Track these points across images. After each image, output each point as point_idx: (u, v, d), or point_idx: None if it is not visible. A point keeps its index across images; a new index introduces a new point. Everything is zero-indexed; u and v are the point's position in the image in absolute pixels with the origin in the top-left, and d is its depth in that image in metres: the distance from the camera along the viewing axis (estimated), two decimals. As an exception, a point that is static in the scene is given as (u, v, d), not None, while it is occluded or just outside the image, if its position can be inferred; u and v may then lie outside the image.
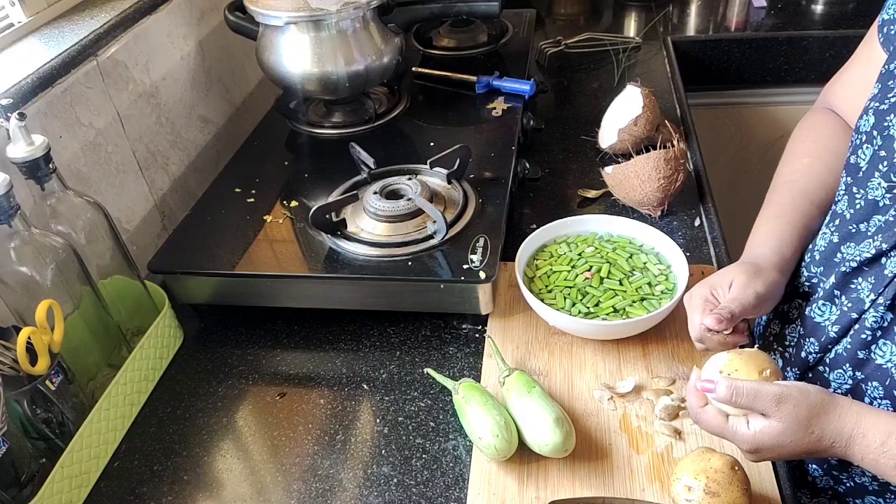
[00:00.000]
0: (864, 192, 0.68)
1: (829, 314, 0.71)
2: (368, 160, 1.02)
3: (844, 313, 0.68)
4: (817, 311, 0.72)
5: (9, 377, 0.68)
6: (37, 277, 0.73)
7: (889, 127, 0.65)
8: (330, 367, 0.87)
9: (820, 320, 0.72)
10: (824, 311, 0.71)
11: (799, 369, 0.75)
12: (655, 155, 0.98)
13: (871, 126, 0.68)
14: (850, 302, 0.68)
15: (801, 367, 0.75)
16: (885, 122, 0.66)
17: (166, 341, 0.89)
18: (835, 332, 0.69)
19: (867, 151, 0.69)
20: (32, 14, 0.99)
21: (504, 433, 0.71)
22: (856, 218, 0.69)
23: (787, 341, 0.78)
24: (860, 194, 0.68)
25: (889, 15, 0.74)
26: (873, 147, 0.67)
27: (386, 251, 0.91)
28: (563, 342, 0.85)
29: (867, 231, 0.67)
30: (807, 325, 0.74)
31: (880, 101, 0.68)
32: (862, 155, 0.69)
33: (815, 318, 0.73)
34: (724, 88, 1.62)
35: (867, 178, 0.67)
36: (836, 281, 0.69)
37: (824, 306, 0.71)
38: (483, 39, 1.42)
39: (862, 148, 0.69)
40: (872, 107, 0.69)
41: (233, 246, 0.94)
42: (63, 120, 0.91)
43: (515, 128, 1.14)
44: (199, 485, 0.76)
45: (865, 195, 0.67)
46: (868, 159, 0.68)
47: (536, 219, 1.02)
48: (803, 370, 0.75)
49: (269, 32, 1.14)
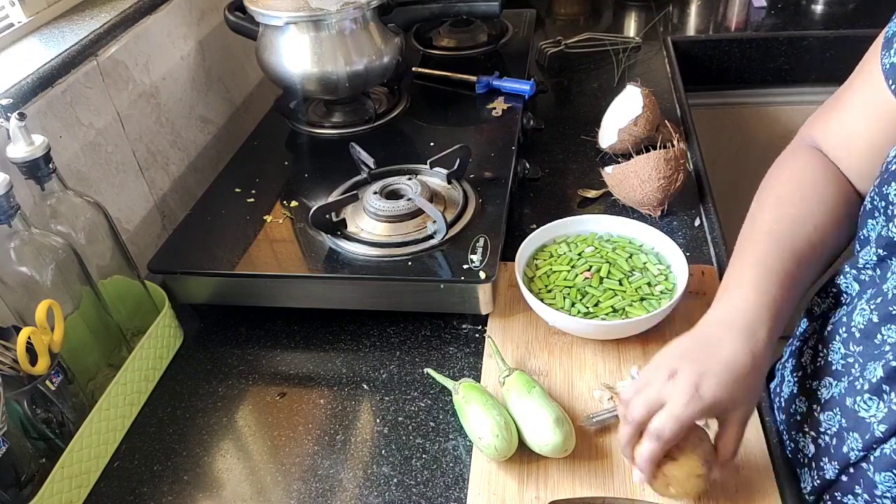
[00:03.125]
0: None
1: (874, 410, 0.62)
2: (368, 160, 1.02)
3: (893, 411, 0.61)
4: (862, 405, 0.63)
5: (9, 377, 0.68)
6: (37, 277, 0.73)
7: None
8: (330, 367, 0.87)
9: (865, 415, 0.63)
10: (870, 405, 0.63)
11: (839, 464, 0.66)
12: (655, 155, 0.98)
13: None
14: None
15: (842, 463, 0.66)
16: None
17: (166, 341, 0.89)
18: (881, 433, 0.61)
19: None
20: (32, 14, 0.99)
21: (504, 433, 0.71)
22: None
23: (821, 427, 0.68)
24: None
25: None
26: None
27: (386, 251, 0.91)
28: (563, 342, 0.85)
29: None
30: (849, 418, 0.65)
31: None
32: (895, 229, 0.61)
33: (859, 412, 0.64)
34: (724, 88, 1.62)
35: None
36: (884, 374, 0.61)
37: (870, 400, 0.63)
38: (483, 39, 1.42)
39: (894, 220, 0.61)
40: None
41: (233, 246, 0.94)
42: (63, 120, 0.91)
43: (515, 128, 1.14)
44: (199, 485, 0.76)
45: None
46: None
47: (536, 219, 1.02)
48: (844, 466, 0.66)
49: (269, 32, 1.14)
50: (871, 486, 0.64)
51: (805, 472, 0.72)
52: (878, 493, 0.64)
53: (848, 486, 0.67)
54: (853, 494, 0.66)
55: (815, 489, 0.71)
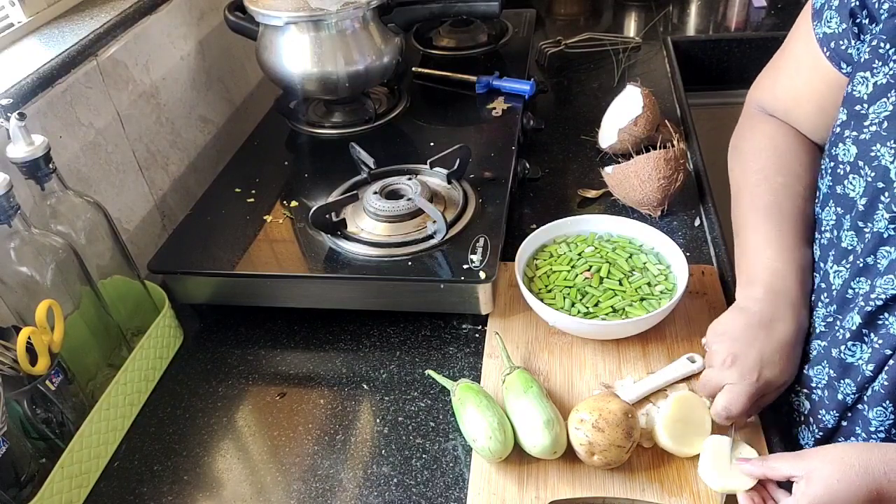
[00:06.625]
0: (871, 225, 0.65)
1: (860, 353, 0.67)
2: (368, 160, 1.02)
3: (877, 350, 0.65)
4: (847, 352, 0.68)
5: (9, 377, 0.69)
6: (37, 277, 0.73)
7: (878, 157, 0.63)
8: (330, 367, 0.87)
9: (852, 360, 0.68)
10: (855, 350, 0.68)
11: (837, 411, 0.71)
12: (655, 155, 0.98)
13: (855, 157, 0.66)
14: (880, 339, 0.65)
15: (840, 409, 0.71)
16: (870, 152, 0.64)
17: (166, 341, 0.89)
18: (870, 371, 0.66)
19: (856, 183, 0.67)
20: (32, 14, 0.99)
21: (498, 434, 0.71)
22: (865, 252, 0.66)
23: (813, 383, 0.73)
24: (867, 228, 0.66)
25: (831, 28, 0.71)
26: (864, 179, 0.65)
27: (386, 251, 0.91)
28: (563, 342, 0.85)
29: (877, 264, 0.65)
30: (837, 367, 0.70)
31: (857, 130, 0.66)
32: (851, 186, 0.67)
33: (846, 358, 0.69)
34: (724, 88, 1.62)
35: (870, 211, 0.65)
36: (862, 320, 0.66)
37: (854, 346, 0.68)
38: (483, 39, 1.42)
39: (848, 178, 0.67)
40: (850, 136, 0.67)
41: (233, 246, 0.94)
42: (63, 120, 0.91)
43: (515, 128, 1.14)
44: (199, 485, 0.76)
45: (871, 228, 0.65)
46: (863, 191, 0.66)
47: (536, 219, 1.02)
48: (842, 411, 0.71)
49: (269, 32, 1.14)
50: (866, 425, 0.69)
51: (804, 430, 0.76)
52: (872, 429, 0.68)
53: (849, 430, 0.71)
54: (854, 437, 0.70)
55: (818, 442, 0.74)
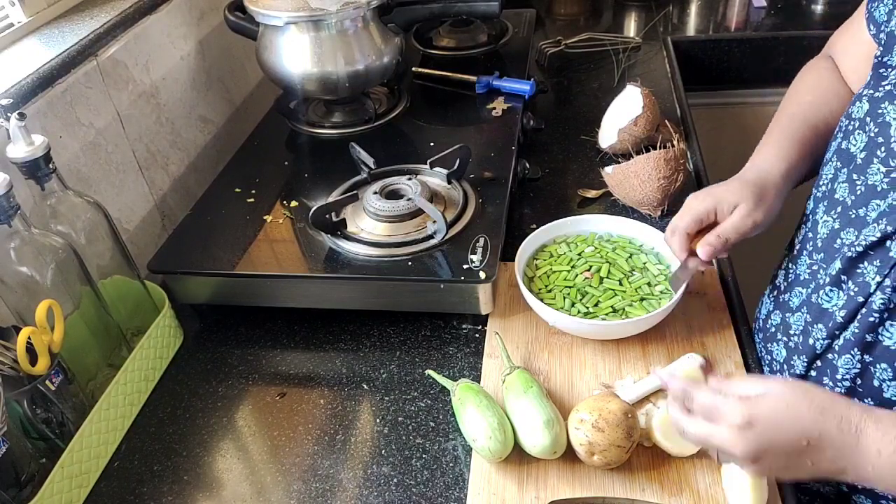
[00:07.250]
0: (864, 178, 0.68)
1: (836, 299, 0.70)
2: (368, 160, 1.02)
3: (851, 297, 0.68)
4: (825, 297, 0.71)
5: (9, 377, 0.69)
6: (37, 277, 0.73)
7: (884, 114, 0.67)
8: (330, 367, 0.87)
9: (827, 306, 0.71)
10: (832, 296, 0.71)
11: (807, 357, 0.74)
12: (655, 155, 0.98)
13: (865, 113, 0.69)
14: (856, 286, 0.68)
15: (809, 355, 0.74)
16: (879, 109, 0.67)
17: (166, 341, 0.89)
18: (842, 318, 0.69)
19: (859, 138, 0.70)
20: (32, 14, 0.99)
21: (497, 434, 0.71)
22: (856, 204, 0.69)
23: (791, 330, 0.77)
24: (860, 181, 0.69)
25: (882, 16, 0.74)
26: (867, 134, 0.68)
27: (386, 251, 0.91)
28: (563, 342, 0.85)
29: (867, 216, 0.68)
30: (813, 312, 0.73)
31: (874, 89, 0.69)
32: (854, 141, 0.70)
33: (822, 304, 0.72)
34: (724, 88, 1.62)
35: (866, 164, 0.68)
36: (842, 266, 0.69)
37: (831, 292, 0.71)
38: (483, 39, 1.42)
39: (854, 134, 0.71)
40: (867, 94, 0.70)
41: (233, 246, 0.94)
42: (63, 120, 0.91)
43: (515, 128, 1.14)
44: (199, 485, 0.76)
45: (865, 181, 0.68)
46: (863, 146, 0.69)
47: (536, 219, 1.02)
48: (811, 357, 0.74)
49: (269, 32, 1.14)
50: (833, 373, 0.71)
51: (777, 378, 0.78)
52: (838, 377, 0.70)
53: (817, 380, 0.74)
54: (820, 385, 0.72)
55: None
